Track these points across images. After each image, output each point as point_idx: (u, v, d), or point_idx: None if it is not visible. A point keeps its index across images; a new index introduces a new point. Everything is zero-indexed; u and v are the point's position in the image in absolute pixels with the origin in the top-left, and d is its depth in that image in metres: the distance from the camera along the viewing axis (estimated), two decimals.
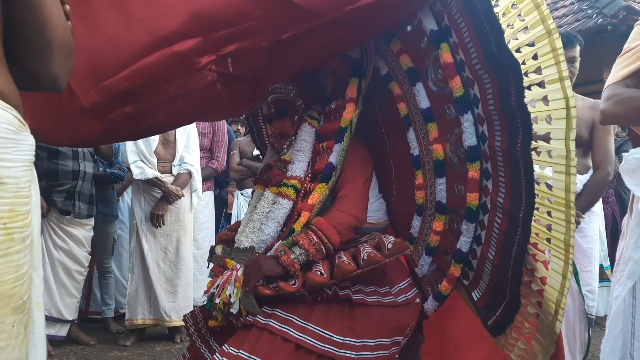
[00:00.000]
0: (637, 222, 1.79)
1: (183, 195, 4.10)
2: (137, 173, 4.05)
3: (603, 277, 5.00)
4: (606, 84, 1.91)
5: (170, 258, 4.08)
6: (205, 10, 1.59)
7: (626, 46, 1.91)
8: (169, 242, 4.09)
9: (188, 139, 4.22)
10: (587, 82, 7.67)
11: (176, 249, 4.07)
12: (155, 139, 4.09)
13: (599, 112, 2.51)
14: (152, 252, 4.05)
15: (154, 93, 1.75)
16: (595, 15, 7.74)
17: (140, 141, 4.05)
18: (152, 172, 4.02)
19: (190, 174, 4.19)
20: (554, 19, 1.68)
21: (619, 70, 1.88)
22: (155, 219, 4.03)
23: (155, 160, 4.08)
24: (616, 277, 1.84)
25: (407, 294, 1.97)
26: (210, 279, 2.06)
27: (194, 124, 4.30)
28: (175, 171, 4.16)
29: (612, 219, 5.39)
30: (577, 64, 2.98)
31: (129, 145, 4.09)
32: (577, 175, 2.51)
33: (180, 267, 4.09)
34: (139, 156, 4.06)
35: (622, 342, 1.68)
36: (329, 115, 2.08)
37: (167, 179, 4.12)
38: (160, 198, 4.07)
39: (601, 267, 4.99)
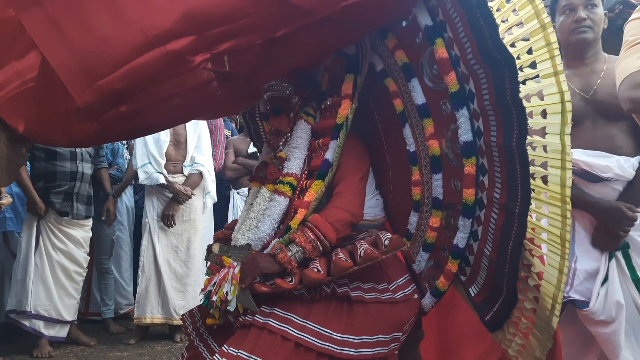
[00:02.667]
0: None
1: (194, 195, 4.14)
2: (142, 178, 4.10)
3: None
4: (624, 74, 1.88)
5: (181, 257, 4.14)
6: (199, 8, 1.58)
7: (631, 39, 1.91)
8: (179, 241, 4.15)
9: (199, 140, 4.27)
10: None
11: (187, 248, 4.13)
12: (166, 140, 4.15)
13: None
14: (164, 250, 4.11)
15: (149, 92, 1.75)
16: None
17: (150, 142, 4.11)
18: (158, 178, 4.06)
19: (201, 174, 4.23)
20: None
21: (636, 59, 1.86)
22: (167, 219, 4.08)
23: (164, 162, 4.11)
24: None
25: (405, 290, 1.97)
26: (208, 277, 2.06)
27: (205, 124, 4.34)
28: (186, 172, 4.20)
29: None
30: (600, 10, 2.35)
31: (139, 148, 4.14)
32: (628, 157, 2.22)
33: (190, 266, 4.14)
34: (148, 159, 4.10)
35: None
36: (325, 112, 2.07)
37: (179, 179, 4.16)
38: (171, 198, 4.12)
39: None
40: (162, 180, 4.08)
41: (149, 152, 4.11)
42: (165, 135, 4.15)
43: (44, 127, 1.86)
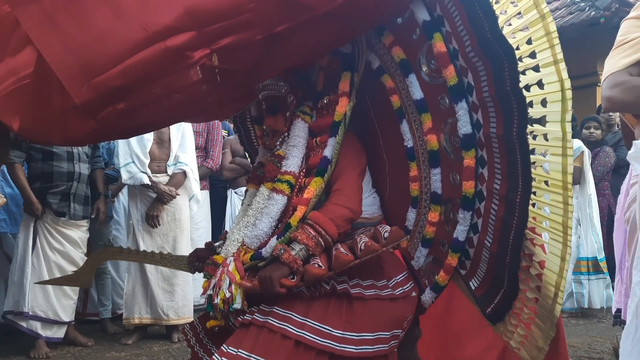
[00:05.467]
0: None
1: (178, 195, 4.09)
2: (125, 177, 4.04)
3: (598, 270, 5.02)
4: (606, 73, 1.93)
5: None
6: (199, 4, 1.58)
7: (620, 38, 1.94)
8: (165, 241, 4.09)
9: (183, 138, 4.21)
10: (582, 75, 7.73)
11: (173, 248, 4.05)
12: (149, 139, 4.07)
13: None
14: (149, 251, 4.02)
15: (148, 89, 1.74)
16: (588, 8, 7.79)
17: (134, 141, 4.03)
18: (142, 178, 4.00)
19: (184, 173, 4.18)
20: None
21: (619, 59, 1.90)
22: (151, 220, 4.03)
23: (148, 161, 4.05)
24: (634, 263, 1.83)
25: (404, 287, 1.97)
26: (206, 279, 2.05)
27: (188, 125, 4.29)
28: (170, 171, 4.14)
29: (608, 211, 5.42)
30: None
31: (122, 147, 4.06)
32: None
33: None
34: (131, 157, 4.03)
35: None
36: (322, 110, 2.07)
37: (163, 178, 4.11)
38: (155, 198, 4.06)
39: (595, 259, 5.01)
40: (146, 180, 4.00)
41: (132, 151, 4.04)
42: (148, 134, 4.05)
43: (39, 125, 1.85)
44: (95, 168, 4.17)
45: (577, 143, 5.02)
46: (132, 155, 4.04)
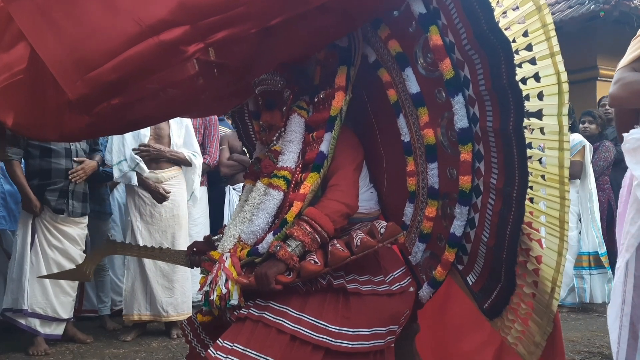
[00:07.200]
0: (634, 199, 1.84)
1: (170, 192, 4.07)
2: (117, 175, 4.01)
3: (599, 264, 5.01)
4: (617, 68, 1.95)
5: None
6: None
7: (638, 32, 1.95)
8: (164, 237, 4.07)
9: (189, 136, 4.20)
10: (581, 69, 7.72)
11: (171, 244, 4.03)
12: (146, 135, 4.04)
13: None
14: None
15: (141, 84, 1.73)
16: (587, 1, 7.78)
17: (129, 138, 4.00)
18: (132, 176, 3.98)
19: (191, 164, 4.18)
20: None
21: (628, 54, 1.93)
22: (159, 194, 4.00)
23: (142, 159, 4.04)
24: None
25: (402, 282, 1.96)
26: (203, 275, 2.05)
27: (189, 120, 4.27)
28: (169, 168, 4.13)
29: (608, 206, 5.41)
30: None
31: (116, 144, 4.03)
32: None
33: None
34: (124, 155, 4.00)
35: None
36: (318, 105, 2.06)
37: (160, 174, 4.09)
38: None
39: (596, 254, 5.00)
40: (135, 182, 3.98)
41: (126, 148, 4.01)
42: (145, 130, 4.01)
43: (33, 121, 1.84)
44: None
45: (579, 137, 5.01)
46: (125, 153, 4.02)
